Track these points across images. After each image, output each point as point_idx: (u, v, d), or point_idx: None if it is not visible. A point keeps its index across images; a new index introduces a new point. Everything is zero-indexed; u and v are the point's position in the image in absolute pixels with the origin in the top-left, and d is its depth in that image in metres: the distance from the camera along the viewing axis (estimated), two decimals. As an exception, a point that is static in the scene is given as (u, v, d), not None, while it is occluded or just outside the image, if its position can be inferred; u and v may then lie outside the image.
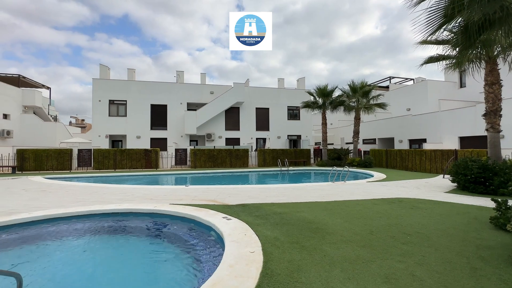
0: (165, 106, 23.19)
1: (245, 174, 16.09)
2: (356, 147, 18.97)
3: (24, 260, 3.88)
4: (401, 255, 3.17)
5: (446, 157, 13.35)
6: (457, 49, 7.09)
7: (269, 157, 20.11)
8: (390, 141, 22.92)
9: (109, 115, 22.00)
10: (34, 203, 6.36)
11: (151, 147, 20.68)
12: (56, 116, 32.82)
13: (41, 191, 8.26)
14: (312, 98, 21.04)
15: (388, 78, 32.21)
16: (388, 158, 17.36)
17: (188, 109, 23.41)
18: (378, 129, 23.95)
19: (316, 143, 29.59)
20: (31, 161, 16.15)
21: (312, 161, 21.99)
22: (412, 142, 20.25)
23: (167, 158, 18.80)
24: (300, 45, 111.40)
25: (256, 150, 21.70)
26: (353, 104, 19.23)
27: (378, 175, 12.50)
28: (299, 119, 26.16)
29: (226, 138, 24.07)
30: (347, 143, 24.73)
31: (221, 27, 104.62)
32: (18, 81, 25.77)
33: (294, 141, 25.99)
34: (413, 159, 15.33)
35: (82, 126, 49.83)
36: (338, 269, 2.77)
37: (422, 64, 9.54)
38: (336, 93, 20.09)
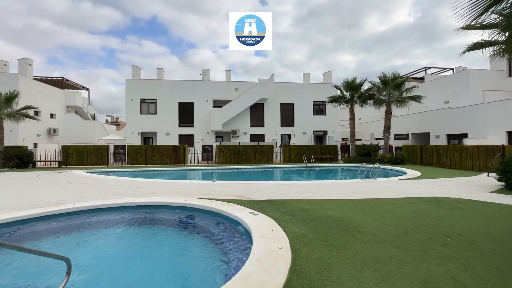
0: (192, 103, 23.90)
1: (270, 170, 16.09)
2: (387, 142, 17.99)
3: (71, 246, 4.27)
4: (440, 258, 2.95)
5: (492, 153, 12.15)
6: (507, 33, 6.35)
7: (294, 153, 19.88)
8: (425, 136, 21.42)
9: (140, 113, 23.24)
10: (77, 195, 6.95)
11: (179, 144, 21.51)
12: (94, 115, 35.43)
13: (83, 184, 9.00)
14: (339, 92, 20.32)
15: (423, 69, 30.00)
16: (423, 154, 16.25)
17: (213, 106, 23.90)
18: (412, 124, 22.48)
19: (343, 139, 28.60)
20: (74, 157, 17.64)
21: (339, 157, 21.34)
22: (450, 137, 18.72)
23: (194, 154, 19.42)
24: (326, 38, 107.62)
25: (280, 146, 21.55)
26: (384, 98, 18.20)
27: (411, 172, 11.77)
28: (325, 114, 25.47)
29: (251, 134, 24.22)
30: (376, 139, 23.59)
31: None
32: (61, 84, 28.19)
33: (320, 137, 25.38)
34: (452, 155, 14.18)
35: (117, 124, 53.28)
36: (370, 270, 2.66)
37: (464, 52, 8.68)
38: (365, 86, 19.17)
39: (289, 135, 24.50)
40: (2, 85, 17.94)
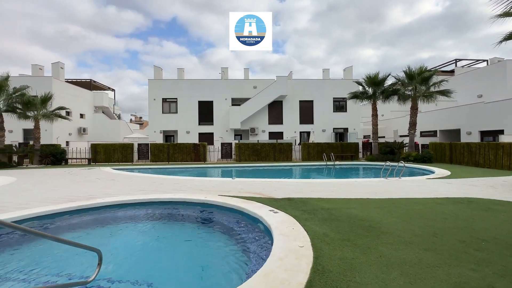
0: (211, 102, 24.28)
1: (288, 168, 15.97)
2: (413, 140, 17.14)
3: (101, 238, 4.52)
4: (475, 263, 2.76)
5: (532, 151, 11.15)
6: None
7: (313, 151, 19.57)
8: (455, 133, 20.15)
9: (162, 112, 24.01)
10: (106, 190, 7.34)
11: (199, 142, 21.97)
12: (119, 114, 37.17)
13: (110, 180, 9.48)
14: (360, 88, 19.65)
15: (453, 61, 28.18)
16: (453, 152, 15.30)
17: (232, 104, 24.11)
18: (440, 120, 21.23)
19: (365, 136, 27.67)
20: (101, 154, 18.64)
21: (360, 155, 20.70)
22: (484, 134, 17.45)
23: (214, 151, 19.76)
24: (346, 32, 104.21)
25: (299, 144, 21.31)
26: (409, 93, 17.33)
27: (440, 171, 11.13)
28: (345, 111, 24.78)
29: (269, 132, 24.17)
30: (401, 136, 22.57)
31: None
32: (90, 85, 29.85)
33: (341, 134, 24.74)
34: (486, 153, 13.21)
35: (140, 123, 55.52)
36: (396, 272, 2.55)
37: (500, 42, 8.03)
38: (389, 81, 18.37)
39: (308, 133, 24.14)
40: (38, 88, 19.33)
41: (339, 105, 24.94)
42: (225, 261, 3.59)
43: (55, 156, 17.06)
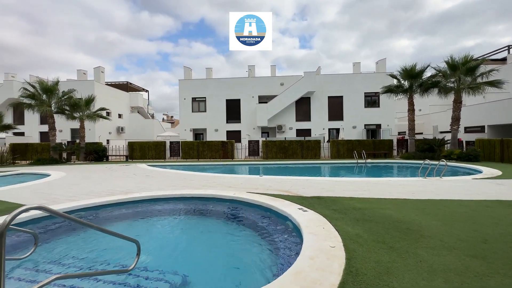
0: (239, 100, 24.57)
1: (317, 166, 15.59)
2: (456, 136, 15.67)
3: (138, 230, 4.82)
4: (535, 274, 2.44)
5: None
6: None
7: (343, 149, 18.87)
8: (507, 128, 18.05)
9: (192, 111, 24.88)
10: (141, 185, 7.81)
11: (227, 139, 22.40)
12: (153, 114, 39.32)
13: (145, 176, 10.07)
14: (395, 81, 18.45)
15: (505, 48, 25.17)
16: (504, 150, 13.72)
17: (259, 102, 24.16)
18: (489, 114, 19.15)
19: (399, 133, 26.02)
20: (137, 151, 19.89)
21: (395, 153, 19.49)
22: (543, 129, 15.37)
23: (241, 149, 20.00)
24: (378, 23, 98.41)
25: (328, 141, 20.69)
26: (452, 85, 15.85)
27: (489, 171, 10.05)
28: (378, 106, 23.50)
29: (296, 129, 23.83)
30: (441, 132, 20.82)
31: (288, 17, 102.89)
32: (126, 87, 31.94)
33: (373, 131, 23.53)
34: (546, 151, 11.62)
35: (171, 121, 58.19)
36: (440, 279, 2.35)
37: None
38: (428, 73, 16.95)
39: (337, 130, 23.35)
40: (82, 91, 21.17)
41: (371, 100, 23.71)
42: (254, 257, 3.61)
43: (97, 153, 18.59)
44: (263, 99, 24.57)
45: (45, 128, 22.91)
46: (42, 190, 7.31)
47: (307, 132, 23.61)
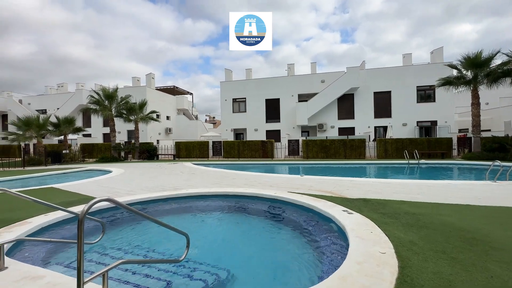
0: (278, 99, 24.52)
1: (362, 166, 14.70)
2: (535, 133, 13.26)
3: (185, 224, 5.15)
4: None
5: None
6: None
7: (391, 148, 17.44)
8: None
9: (232, 112, 25.65)
10: (188, 182, 8.33)
11: (266, 139, 22.54)
12: (196, 115, 41.57)
13: (191, 174, 10.71)
14: (454, 72, 16.36)
15: None
16: None
17: (299, 101, 23.76)
18: None
19: (460, 130, 23.02)
20: (183, 151, 21.27)
21: (454, 152, 17.32)
22: None
23: (281, 148, 19.92)
24: (432, 7, 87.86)
25: (374, 140, 19.35)
26: (530, 73, 13.43)
27: None
28: (433, 101, 21.16)
29: (339, 128, 22.83)
30: (516, 129, 17.79)
31: (329, 11, 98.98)
32: (173, 91, 34.37)
33: (427, 128, 21.29)
34: None
35: (213, 122, 60.76)
36: (519, 300, 2.01)
37: None
38: (497, 60, 14.64)
39: (385, 128, 21.70)
40: (136, 96, 23.44)
41: (425, 95, 21.46)
42: (296, 258, 3.57)
43: (149, 152, 20.43)
44: (303, 98, 24.09)
45: (107, 130, 26.08)
46: (105, 184, 8.32)
47: (351, 130, 22.43)
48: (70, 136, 22.41)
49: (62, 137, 20.92)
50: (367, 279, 2.27)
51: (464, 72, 15.69)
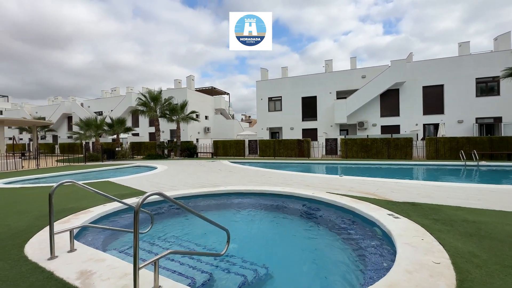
0: (315, 97, 23.86)
1: (408, 168, 13.55)
2: None
3: (224, 219, 5.33)
4: None
5: None
6: None
7: (444, 148, 15.73)
8: None
9: (268, 111, 25.70)
10: (226, 180, 8.59)
11: (302, 138, 22.12)
12: (233, 114, 42.65)
13: (228, 171, 11.03)
14: (525, 60, 14.09)
15: None
16: None
17: (337, 98, 22.83)
18: None
19: (532, 128, 19.76)
20: (221, 149, 22.00)
21: (524, 154, 14.92)
22: None
23: (318, 147, 19.37)
24: (497, -13, 76.56)
25: (423, 138, 17.65)
26: None
27: None
28: (497, 94, 18.54)
29: (381, 126, 21.36)
30: None
31: (370, 1, 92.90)
32: (211, 92, 35.72)
33: (488, 125, 18.75)
34: None
35: (249, 121, 61.65)
36: None
37: None
38: None
39: (436, 125, 19.68)
40: (178, 97, 24.91)
41: (487, 87, 18.90)
42: (337, 261, 3.45)
43: (189, 150, 21.57)
44: (342, 95, 23.07)
45: (152, 129, 28.26)
46: (152, 179, 9.02)
47: (395, 128, 20.82)
48: (121, 135, 24.80)
49: (115, 136, 23.23)
50: (419, 290, 2.08)
51: (539, 59, 13.41)
